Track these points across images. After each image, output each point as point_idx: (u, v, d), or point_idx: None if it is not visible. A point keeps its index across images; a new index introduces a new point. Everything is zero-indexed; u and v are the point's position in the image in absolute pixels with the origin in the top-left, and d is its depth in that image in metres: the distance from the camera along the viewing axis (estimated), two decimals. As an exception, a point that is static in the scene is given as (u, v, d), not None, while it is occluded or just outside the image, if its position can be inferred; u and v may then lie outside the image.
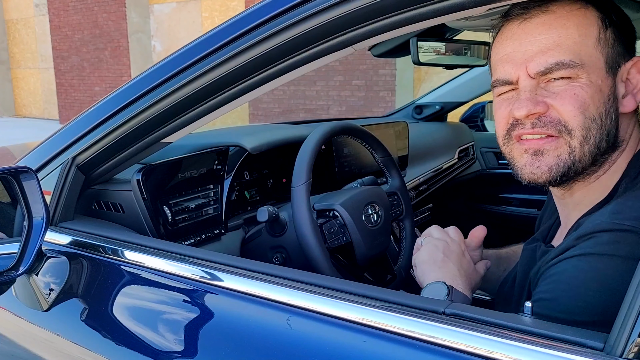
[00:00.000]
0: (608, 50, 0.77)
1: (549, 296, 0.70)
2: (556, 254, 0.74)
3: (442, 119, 2.55)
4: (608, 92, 0.77)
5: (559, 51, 0.75)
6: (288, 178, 1.27)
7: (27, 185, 0.97)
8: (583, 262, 0.69)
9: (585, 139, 0.76)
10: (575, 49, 0.75)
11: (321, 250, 1.13)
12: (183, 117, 0.97)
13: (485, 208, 2.50)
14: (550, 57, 0.76)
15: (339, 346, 0.68)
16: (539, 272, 0.77)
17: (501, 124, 0.84)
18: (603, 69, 0.77)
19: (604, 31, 0.77)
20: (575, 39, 0.76)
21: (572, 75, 0.75)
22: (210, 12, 9.37)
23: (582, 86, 0.75)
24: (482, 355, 0.58)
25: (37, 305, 1.02)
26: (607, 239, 0.68)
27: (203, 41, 0.92)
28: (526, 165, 0.80)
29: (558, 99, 0.76)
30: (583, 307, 0.67)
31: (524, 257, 0.94)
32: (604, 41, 0.77)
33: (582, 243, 0.70)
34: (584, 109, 0.75)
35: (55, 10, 11.18)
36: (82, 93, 11.13)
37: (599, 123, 0.76)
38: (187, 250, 0.95)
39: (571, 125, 0.76)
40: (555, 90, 0.77)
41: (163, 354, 0.82)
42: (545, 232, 0.97)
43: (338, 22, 0.78)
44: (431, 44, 1.48)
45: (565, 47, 0.75)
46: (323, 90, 7.94)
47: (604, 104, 0.77)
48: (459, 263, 0.97)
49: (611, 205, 0.73)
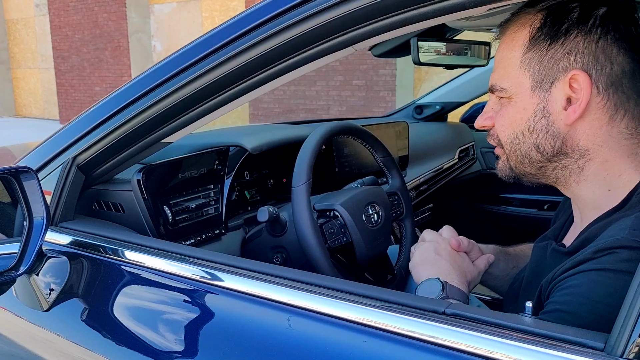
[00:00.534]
0: (535, 69, 0.81)
1: (567, 309, 0.70)
2: (573, 265, 0.74)
3: (443, 119, 2.55)
4: (532, 110, 0.82)
5: (495, 74, 0.86)
6: (288, 178, 1.27)
7: (27, 185, 0.97)
8: (602, 277, 0.69)
9: (511, 151, 0.87)
10: (502, 74, 0.85)
11: (321, 250, 1.13)
12: (183, 117, 0.97)
13: (486, 208, 2.50)
14: (491, 79, 0.87)
15: (339, 346, 0.68)
16: (553, 280, 0.76)
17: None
18: (528, 89, 0.82)
19: (528, 52, 0.81)
20: (504, 62, 0.84)
21: (504, 95, 0.85)
22: (210, 12, 9.37)
23: (509, 106, 0.85)
24: (482, 355, 0.58)
25: (38, 305, 1.02)
26: (626, 256, 0.68)
27: (203, 41, 0.92)
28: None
29: (497, 117, 0.88)
30: (600, 322, 0.66)
31: (534, 254, 0.95)
32: (528, 62, 0.81)
33: (602, 257, 0.70)
34: (507, 127, 0.86)
35: (55, 10, 11.19)
36: (83, 93, 11.14)
37: (521, 138, 0.85)
38: (187, 250, 0.95)
39: (502, 140, 0.88)
40: (497, 108, 0.88)
41: (163, 354, 0.82)
42: (557, 229, 0.97)
43: (338, 22, 0.78)
44: (432, 44, 1.48)
45: (498, 70, 0.86)
46: (323, 90, 7.94)
47: (527, 121, 0.83)
48: (451, 259, 0.99)
49: (631, 220, 0.72)
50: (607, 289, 0.68)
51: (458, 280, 0.94)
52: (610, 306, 0.66)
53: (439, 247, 1.02)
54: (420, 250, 1.03)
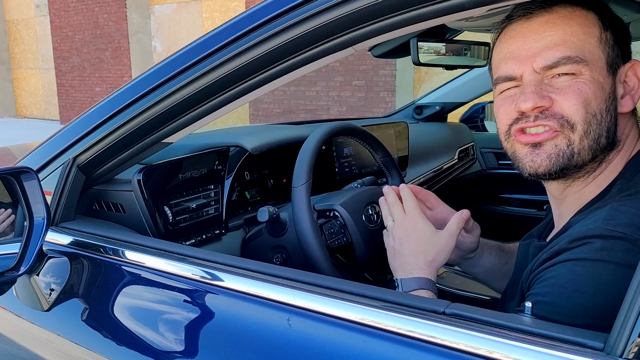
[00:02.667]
0: (608, 51, 0.80)
1: (548, 299, 0.71)
2: (550, 256, 0.75)
3: (442, 119, 2.55)
4: (609, 90, 0.80)
5: (565, 47, 0.78)
6: (288, 178, 1.27)
7: (28, 185, 0.97)
8: (578, 267, 0.70)
9: (586, 133, 0.78)
10: (579, 46, 0.78)
11: (321, 250, 1.13)
12: (183, 118, 0.98)
13: (485, 208, 2.50)
14: (557, 52, 0.78)
15: (339, 346, 0.68)
16: (532, 272, 0.78)
17: (503, 120, 0.85)
18: (604, 68, 0.80)
19: (605, 32, 0.80)
20: (580, 37, 0.79)
21: (576, 71, 0.78)
22: (210, 12, 9.38)
23: (585, 82, 0.78)
24: (482, 355, 0.58)
25: (38, 305, 1.02)
26: (600, 246, 0.69)
27: (204, 42, 0.92)
28: (526, 155, 0.82)
29: (562, 94, 0.78)
30: (580, 311, 0.68)
31: (519, 253, 0.95)
32: (605, 41, 0.80)
33: (576, 248, 0.71)
34: (587, 104, 0.78)
35: (56, 10, 11.19)
36: (83, 93, 11.14)
37: (599, 119, 0.78)
38: (187, 250, 0.95)
39: (573, 119, 0.78)
40: (559, 85, 0.79)
41: (163, 354, 0.82)
42: (542, 228, 0.98)
43: (338, 23, 0.78)
44: (431, 45, 1.49)
45: (570, 43, 0.78)
46: (323, 91, 7.94)
47: (605, 101, 0.79)
48: (408, 244, 0.97)
49: (605, 211, 0.74)
50: (584, 278, 0.69)
51: (417, 266, 0.94)
52: (588, 294, 0.68)
53: (399, 230, 0.99)
54: (386, 241, 1.02)
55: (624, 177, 0.81)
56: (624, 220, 0.70)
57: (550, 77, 0.79)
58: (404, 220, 1.00)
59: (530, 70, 0.80)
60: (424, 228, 0.98)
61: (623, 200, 0.75)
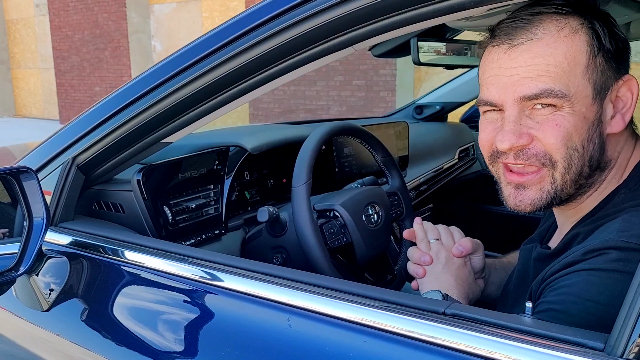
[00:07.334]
0: (597, 78, 0.76)
1: (560, 307, 0.71)
2: (563, 266, 0.74)
3: (443, 119, 2.55)
4: (593, 118, 0.77)
5: (548, 78, 0.75)
6: (288, 178, 1.27)
7: (27, 185, 0.97)
8: (593, 277, 0.70)
9: (567, 169, 0.77)
10: (563, 79, 0.75)
11: (321, 250, 1.13)
12: (183, 118, 0.97)
13: (486, 208, 2.50)
14: (540, 83, 0.75)
15: (339, 346, 0.68)
16: (544, 282, 0.77)
17: (485, 147, 0.84)
18: (589, 97, 0.76)
19: (594, 58, 0.76)
20: (564, 68, 0.75)
21: (557, 103, 0.75)
22: (210, 12, 9.37)
23: (564, 116, 0.75)
24: (482, 355, 0.58)
25: (37, 305, 1.02)
26: (615, 257, 0.69)
27: (203, 41, 0.92)
28: (510, 197, 0.82)
29: (541, 130, 0.76)
30: (592, 320, 0.67)
31: (521, 257, 0.95)
32: (592, 68, 0.76)
33: (592, 259, 0.71)
34: (567, 139, 0.75)
35: (55, 10, 11.18)
36: (82, 93, 11.14)
37: (580, 151, 0.76)
38: (187, 250, 0.95)
39: (554, 158, 0.77)
40: (539, 119, 0.76)
41: (163, 354, 0.82)
42: (543, 232, 0.98)
43: (338, 22, 0.78)
44: (431, 44, 1.49)
45: (554, 75, 0.75)
46: (323, 91, 7.94)
47: (587, 130, 0.76)
48: (456, 274, 0.98)
49: (618, 222, 0.73)
50: (598, 288, 0.69)
51: (459, 294, 0.95)
52: (601, 304, 0.67)
53: (449, 260, 0.99)
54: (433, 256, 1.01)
55: (628, 187, 0.80)
56: (638, 232, 0.70)
57: (530, 108, 0.76)
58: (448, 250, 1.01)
59: (511, 100, 0.77)
60: (470, 270, 1.02)
61: (634, 212, 0.74)
